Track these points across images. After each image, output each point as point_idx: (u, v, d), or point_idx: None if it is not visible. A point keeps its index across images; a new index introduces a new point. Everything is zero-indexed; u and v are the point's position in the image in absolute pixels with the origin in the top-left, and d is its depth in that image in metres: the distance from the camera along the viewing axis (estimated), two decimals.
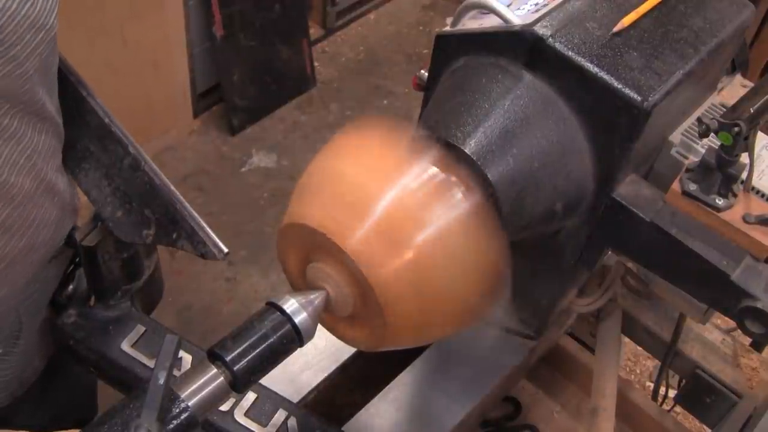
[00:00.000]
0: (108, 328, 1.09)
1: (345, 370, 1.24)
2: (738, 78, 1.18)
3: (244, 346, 0.76)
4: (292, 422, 1.03)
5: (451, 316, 0.83)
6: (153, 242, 0.94)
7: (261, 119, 3.30)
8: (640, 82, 0.89)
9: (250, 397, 1.04)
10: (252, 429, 1.02)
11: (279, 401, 1.05)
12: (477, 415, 1.24)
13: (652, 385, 1.92)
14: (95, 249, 1.02)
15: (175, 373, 0.75)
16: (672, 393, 1.60)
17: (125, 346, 1.07)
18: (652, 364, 2.50)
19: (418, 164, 0.90)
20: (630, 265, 1.30)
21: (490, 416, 1.45)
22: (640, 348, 1.55)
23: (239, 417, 1.02)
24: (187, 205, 0.90)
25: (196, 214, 0.89)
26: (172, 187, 0.91)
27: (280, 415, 1.04)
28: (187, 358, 1.07)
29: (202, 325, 2.57)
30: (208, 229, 0.89)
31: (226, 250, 0.87)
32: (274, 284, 2.70)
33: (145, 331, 1.09)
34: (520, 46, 0.92)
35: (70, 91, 0.98)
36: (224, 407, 1.03)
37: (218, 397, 0.76)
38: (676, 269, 1.00)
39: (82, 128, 0.97)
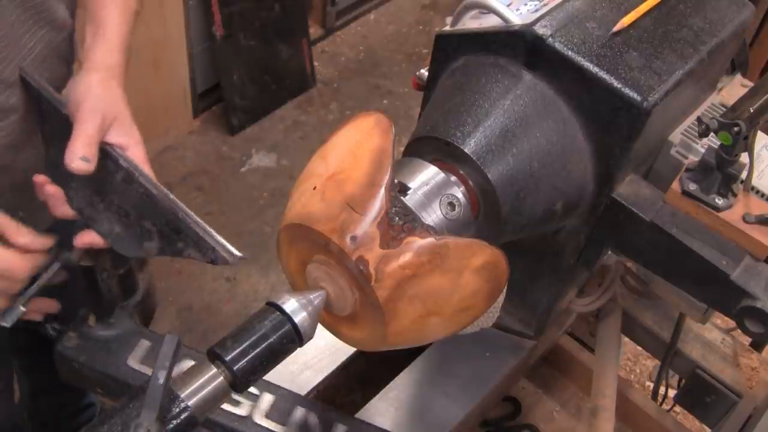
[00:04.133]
0: (110, 346, 1.08)
1: (345, 369, 1.24)
2: (738, 78, 1.18)
3: (243, 345, 0.76)
4: (312, 418, 1.04)
5: (450, 316, 0.83)
6: (158, 254, 0.91)
7: (261, 119, 3.30)
8: (640, 82, 0.89)
9: (267, 398, 1.04)
10: (274, 430, 1.02)
11: (295, 399, 1.05)
12: (477, 415, 1.24)
13: (651, 384, 1.92)
14: (93, 268, 1.00)
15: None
16: (672, 393, 1.60)
17: (133, 362, 1.06)
18: (651, 363, 2.49)
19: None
20: (630, 264, 1.30)
21: (490, 416, 1.45)
22: (639, 348, 1.55)
23: (259, 419, 1.03)
24: (189, 212, 0.86)
25: (200, 221, 0.86)
26: (172, 196, 0.88)
27: (298, 413, 1.04)
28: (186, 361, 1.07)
29: (202, 325, 2.57)
30: (216, 234, 0.85)
31: (239, 254, 0.83)
32: (273, 284, 2.70)
33: (152, 345, 1.08)
34: (519, 46, 0.92)
35: (50, 110, 0.97)
36: (242, 412, 1.03)
37: (218, 396, 0.75)
38: (675, 269, 1.00)
39: (65, 147, 0.92)
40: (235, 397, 1.03)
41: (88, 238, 0.93)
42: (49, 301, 0.97)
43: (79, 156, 0.88)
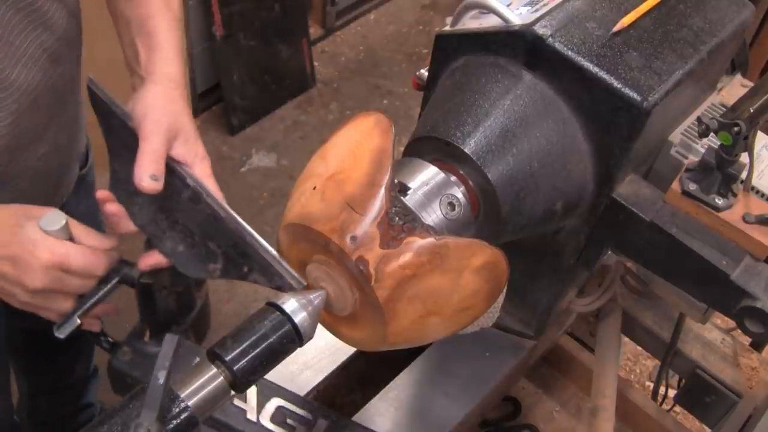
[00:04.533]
0: None
1: (345, 369, 1.24)
2: (738, 78, 1.18)
3: (243, 345, 0.76)
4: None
5: (450, 316, 0.83)
6: (221, 276, 0.90)
7: (260, 119, 3.30)
8: (640, 82, 0.89)
9: (321, 425, 1.04)
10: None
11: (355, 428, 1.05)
12: (477, 415, 1.24)
13: (651, 384, 1.92)
14: (151, 285, 0.99)
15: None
16: (672, 393, 1.60)
17: None
18: (651, 363, 2.49)
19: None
20: (630, 264, 1.30)
21: (489, 416, 1.45)
22: (639, 348, 1.55)
23: None
24: (257, 236, 0.85)
25: (268, 246, 0.85)
26: (239, 219, 0.87)
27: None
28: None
29: None
30: (282, 260, 0.84)
31: (304, 282, 0.83)
32: None
33: None
34: (519, 46, 0.92)
35: (116, 123, 0.95)
36: None
37: (218, 396, 0.75)
38: (675, 269, 1.00)
39: (131, 161, 0.91)
40: (290, 422, 1.04)
41: (152, 260, 0.93)
42: (108, 305, 0.98)
43: (148, 174, 0.87)
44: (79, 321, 0.94)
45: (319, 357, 1.22)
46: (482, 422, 1.42)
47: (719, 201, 0.97)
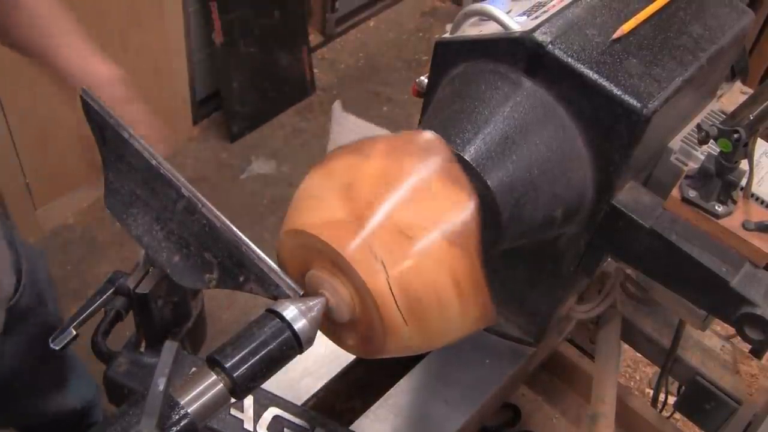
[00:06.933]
0: None
1: (345, 376, 1.24)
2: (737, 85, 1.18)
3: (243, 352, 0.75)
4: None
5: (450, 323, 0.83)
6: (217, 286, 0.89)
7: (260, 126, 3.30)
8: (640, 89, 0.89)
9: None
10: None
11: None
12: (476, 422, 1.24)
13: (651, 391, 1.92)
14: (147, 295, 0.99)
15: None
16: (671, 399, 1.60)
17: None
18: (651, 370, 2.49)
19: (419, 171, 0.90)
20: (629, 271, 1.30)
21: (489, 423, 1.45)
22: (639, 354, 1.55)
23: None
24: (253, 246, 0.84)
25: (263, 255, 0.84)
26: (235, 229, 0.86)
27: None
28: None
29: None
30: (279, 270, 0.83)
31: (301, 292, 0.82)
32: None
33: None
34: (519, 53, 0.92)
35: (110, 133, 0.94)
36: None
37: (218, 403, 0.75)
38: (675, 276, 1.00)
39: (125, 172, 0.91)
40: (287, 431, 1.04)
41: None
42: None
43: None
44: (74, 332, 0.94)
45: (319, 364, 1.22)
46: (482, 429, 1.42)
47: (719, 208, 0.97)
